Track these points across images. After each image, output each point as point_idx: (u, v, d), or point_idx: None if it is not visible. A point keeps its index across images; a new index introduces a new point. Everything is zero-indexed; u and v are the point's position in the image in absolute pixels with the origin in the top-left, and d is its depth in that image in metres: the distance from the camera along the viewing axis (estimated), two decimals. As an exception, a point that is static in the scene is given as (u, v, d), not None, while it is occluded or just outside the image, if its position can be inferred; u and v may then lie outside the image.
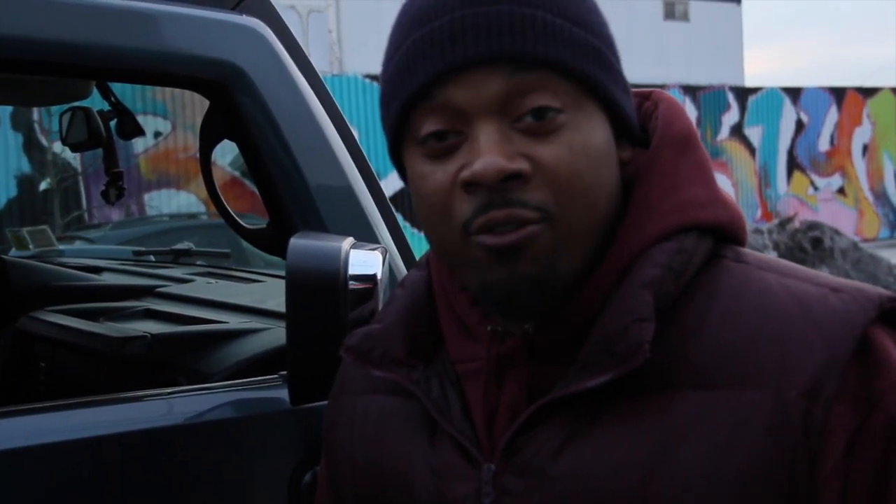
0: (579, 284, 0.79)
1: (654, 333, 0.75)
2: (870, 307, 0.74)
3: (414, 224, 13.65)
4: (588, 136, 0.77)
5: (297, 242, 1.12)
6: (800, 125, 18.26)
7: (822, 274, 0.81)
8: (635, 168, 0.83)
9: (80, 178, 11.00)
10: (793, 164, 18.22)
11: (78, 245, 6.55)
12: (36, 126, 10.78)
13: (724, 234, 0.82)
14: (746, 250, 0.83)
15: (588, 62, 0.77)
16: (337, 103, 1.46)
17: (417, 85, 0.77)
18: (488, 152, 0.74)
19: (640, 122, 0.86)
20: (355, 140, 1.45)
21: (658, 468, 0.74)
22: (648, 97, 0.88)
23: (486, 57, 0.75)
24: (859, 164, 19.04)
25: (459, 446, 0.82)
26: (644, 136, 0.85)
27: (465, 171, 0.75)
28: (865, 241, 16.62)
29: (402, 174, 0.86)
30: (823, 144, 18.59)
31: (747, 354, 0.75)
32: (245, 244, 1.55)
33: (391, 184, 13.35)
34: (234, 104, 1.33)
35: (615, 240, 0.80)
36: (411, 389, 0.85)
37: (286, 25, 1.43)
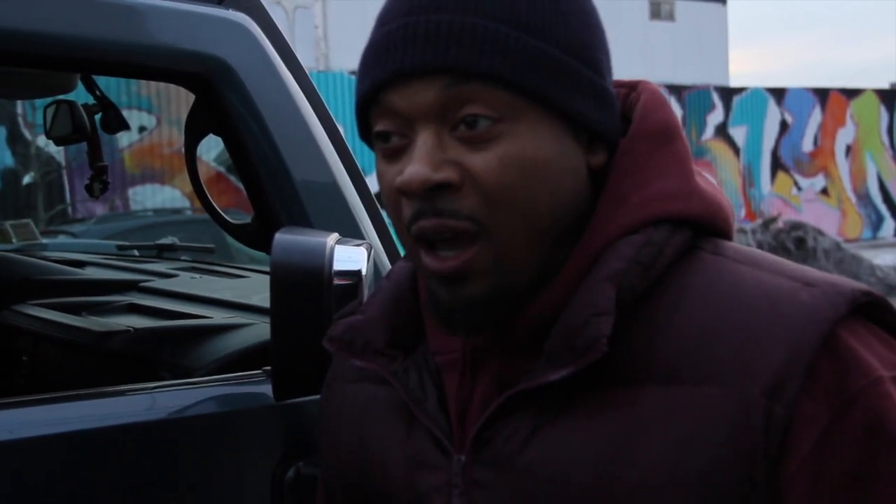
0: (546, 280, 0.79)
1: (621, 327, 0.75)
2: (840, 302, 0.74)
3: (399, 221, 13.64)
4: (526, 148, 0.76)
5: (281, 238, 1.11)
6: (784, 125, 18.34)
7: (802, 268, 0.79)
8: (612, 165, 0.82)
9: (64, 171, 10.93)
10: (777, 165, 18.30)
11: (61, 239, 6.51)
12: (20, 119, 10.71)
13: (704, 226, 0.81)
14: (726, 243, 0.82)
15: (532, 73, 0.76)
16: (323, 99, 1.46)
17: (367, 88, 0.79)
18: (417, 161, 0.76)
19: (624, 112, 0.85)
20: (341, 136, 1.45)
21: (619, 461, 0.75)
22: (635, 87, 0.87)
23: (420, 69, 0.76)
24: (842, 165, 19.15)
25: (433, 437, 0.83)
26: (628, 127, 0.84)
27: (399, 178, 0.77)
28: (848, 241, 16.72)
29: None
30: (807, 145, 18.68)
31: (711, 350, 0.74)
32: (230, 239, 1.54)
33: (375, 181, 13.34)
34: (220, 99, 1.32)
35: (583, 234, 0.80)
36: (389, 380, 0.86)
37: (272, 20, 1.43)
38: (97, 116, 2.04)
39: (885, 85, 25.56)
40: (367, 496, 0.89)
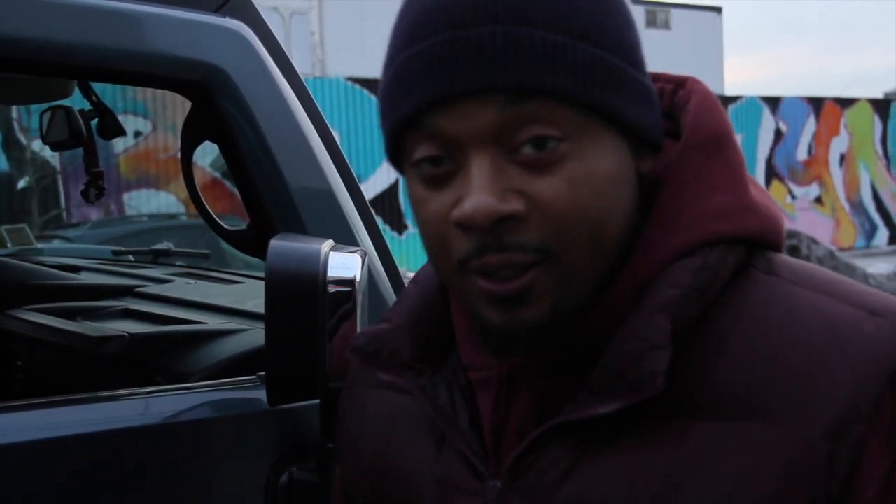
0: (587, 308, 0.74)
1: (671, 359, 0.69)
2: None
3: (394, 228, 13.65)
4: (593, 165, 0.70)
5: (276, 244, 1.12)
6: (778, 134, 18.38)
7: (862, 290, 0.74)
8: (661, 170, 0.77)
9: (59, 176, 10.93)
10: (771, 173, 18.34)
11: (56, 244, 6.50)
12: (15, 124, 10.70)
13: (757, 242, 0.76)
14: (781, 258, 0.77)
15: (594, 85, 0.70)
16: (318, 106, 1.47)
17: (406, 113, 0.71)
18: (479, 190, 0.68)
19: (668, 109, 0.80)
20: (336, 143, 1.46)
21: (666, 500, 0.70)
22: (683, 84, 0.81)
23: (476, 89, 0.68)
24: (836, 174, 19.19)
25: (465, 458, 0.78)
26: (676, 126, 0.79)
27: (457, 209, 0.70)
28: (842, 249, 16.75)
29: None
30: (801, 154, 18.72)
31: (769, 384, 0.69)
32: (225, 245, 1.55)
33: (371, 187, 13.35)
34: (216, 106, 1.33)
35: (632, 254, 0.74)
36: (417, 396, 0.81)
37: (269, 28, 1.44)
38: (93, 122, 2.05)
39: (879, 95, 25.64)
40: None
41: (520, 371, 0.77)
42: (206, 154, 9.63)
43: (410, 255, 12.78)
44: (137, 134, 11.51)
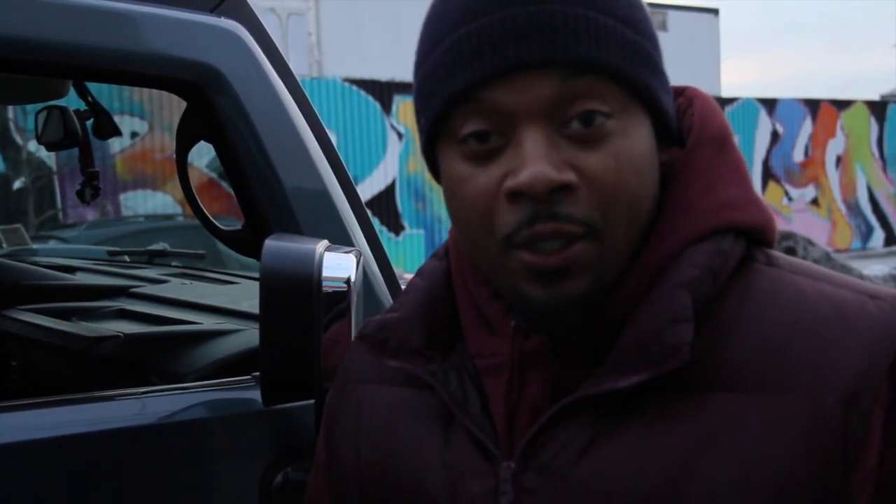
0: (615, 287, 0.77)
1: (692, 334, 0.73)
2: None
3: (391, 229, 13.65)
4: (634, 143, 0.74)
5: (271, 244, 1.12)
6: (775, 136, 18.41)
7: (857, 280, 0.79)
8: (671, 167, 0.81)
9: (55, 177, 10.92)
10: (768, 175, 18.36)
11: (52, 245, 6.50)
12: (11, 124, 10.69)
13: (756, 236, 0.80)
14: (778, 254, 0.81)
15: (639, 66, 0.74)
16: (314, 107, 1.47)
17: (462, 85, 0.73)
18: (536, 161, 0.71)
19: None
20: (332, 144, 1.46)
21: (686, 473, 0.72)
22: (682, 93, 0.86)
23: (537, 61, 0.71)
24: (833, 176, 19.22)
25: (476, 442, 0.80)
26: (677, 134, 0.83)
27: (511, 179, 0.72)
28: (838, 251, 16.77)
29: (434, 172, 0.83)
30: (798, 155, 18.75)
31: (781, 358, 0.73)
32: (220, 246, 1.55)
33: (368, 188, 13.35)
34: (211, 106, 1.33)
35: (650, 240, 0.78)
36: (428, 381, 0.82)
37: (264, 28, 1.44)
38: (89, 122, 2.05)
39: (875, 97, 25.68)
40: (401, 502, 0.85)
41: (531, 357, 0.79)
42: (203, 155, 9.62)
43: (407, 257, 12.79)
44: (134, 135, 11.50)
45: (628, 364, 0.73)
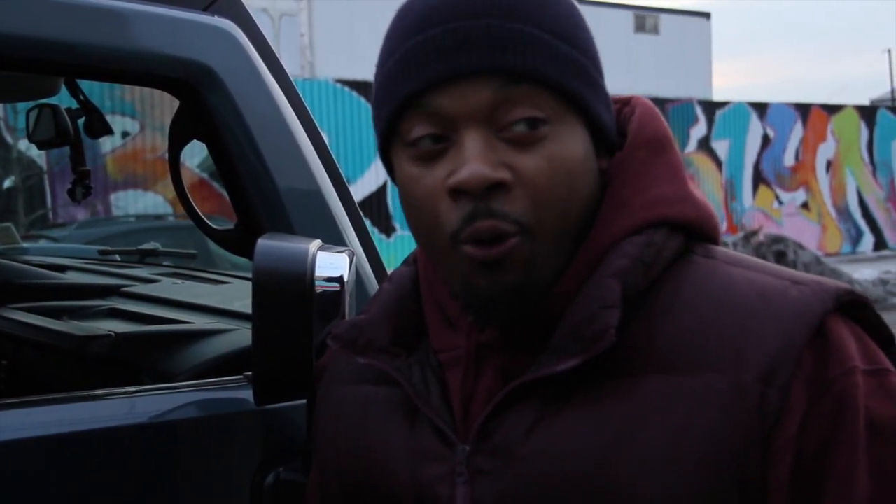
0: (554, 281, 0.83)
1: (622, 321, 0.79)
2: (827, 299, 0.79)
3: (382, 230, 13.64)
4: (568, 149, 0.81)
5: (263, 243, 1.12)
6: (766, 140, 18.47)
7: (788, 269, 0.84)
8: (609, 169, 0.86)
9: (46, 176, 10.89)
10: (758, 178, 18.42)
11: (42, 244, 6.48)
12: (1, 123, 10.65)
13: (695, 232, 0.86)
14: (717, 248, 0.87)
15: (572, 78, 0.81)
16: (308, 107, 1.46)
17: (409, 92, 0.80)
18: (474, 160, 0.78)
19: (618, 126, 0.89)
20: (325, 144, 1.46)
21: (621, 447, 0.78)
22: (628, 103, 0.91)
23: (476, 70, 0.78)
24: (823, 180, 19.29)
25: (437, 429, 0.86)
26: (622, 141, 0.88)
27: (452, 177, 0.79)
28: (828, 255, 16.83)
29: (391, 173, 0.89)
30: (788, 159, 18.81)
31: (708, 341, 0.79)
32: (212, 246, 1.54)
33: (360, 189, 13.34)
34: (204, 104, 1.33)
35: (587, 236, 0.83)
36: (393, 375, 0.88)
37: (258, 27, 1.44)
38: (80, 121, 2.04)
39: (865, 101, 25.77)
40: (371, 491, 0.91)
41: (486, 348, 0.86)
42: (195, 154, 9.61)
43: (398, 257, 12.76)
44: (125, 134, 11.48)
45: (564, 349, 0.80)
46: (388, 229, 13.71)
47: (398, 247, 13.32)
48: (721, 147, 17.83)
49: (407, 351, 0.90)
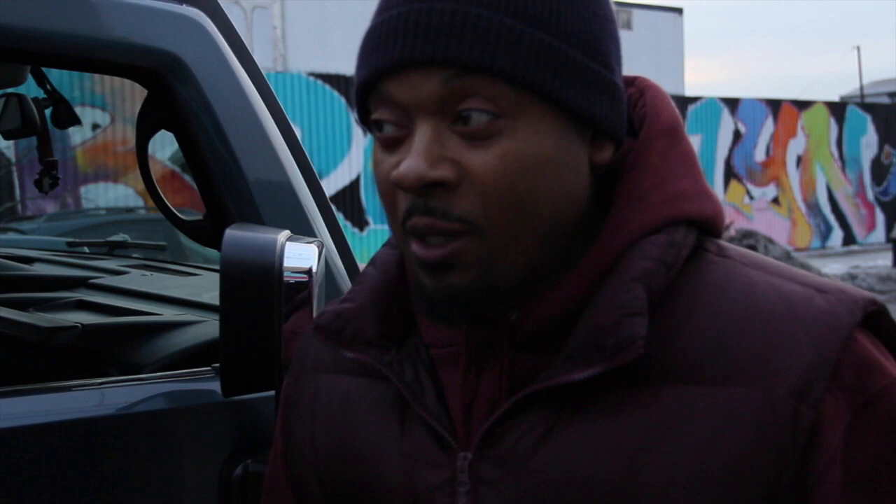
0: (558, 275, 0.78)
1: (646, 328, 0.73)
2: (856, 309, 0.75)
3: (355, 224, 13.61)
4: (527, 144, 0.73)
5: (231, 233, 1.11)
6: (737, 135, 18.60)
7: (804, 273, 0.81)
8: (622, 157, 0.81)
9: (14, 168, 10.76)
10: (730, 173, 18.54)
11: (10, 236, 6.40)
12: (-32, 114, 10.51)
13: (707, 227, 0.81)
14: (727, 244, 0.83)
15: (535, 67, 0.73)
16: (278, 99, 1.46)
17: (364, 78, 0.76)
18: (414, 155, 0.73)
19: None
20: (296, 136, 1.45)
21: (641, 462, 0.73)
22: (632, 83, 0.85)
23: (419, 60, 0.73)
24: (793, 175, 19.46)
25: (432, 432, 0.80)
26: (631, 125, 0.83)
27: (395, 170, 0.74)
28: (798, 250, 16.99)
29: None
30: (759, 155, 18.95)
31: (734, 351, 0.74)
32: (183, 238, 1.53)
33: (333, 183, 13.30)
34: (172, 94, 1.32)
35: (602, 230, 0.78)
36: (384, 372, 0.82)
37: (227, 18, 1.43)
38: (47, 111, 2.02)
39: (835, 98, 26.02)
40: (356, 492, 0.85)
41: (486, 347, 0.80)
42: (166, 146, 9.54)
43: (371, 251, 12.72)
44: (95, 126, 11.37)
45: (584, 356, 0.74)
46: (361, 223, 13.67)
47: (372, 241, 13.30)
48: (693, 142, 17.73)
49: (396, 343, 0.84)
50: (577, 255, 0.78)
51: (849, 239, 20.20)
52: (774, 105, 19.19)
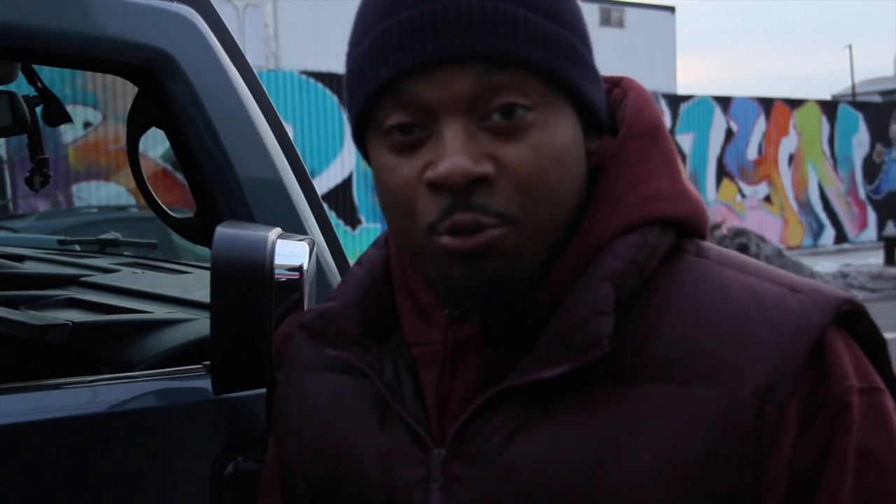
0: (540, 274, 0.78)
1: (612, 326, 0.74)
2: (827, 310, 0.75)
3: (347, 222, 13.60)
4: (555, 135, 0.76)
5: (222, 231, 1.11)
6: (729, 134, 18.63)
7: (782, 272, 0.81)
8: (602, 157, 0.82)
9: (5, 167, 10.72)
10: (722, 172, 18.58)
11: (1, 234, 6.38)
12: (-42, 112, 10.47)
13: (686, 227, 0.82)
14: (708, 244, 0.83)
15: (560, 59, 0.75)
16: (270, 97, 1.46)
17: (384, 79, 0.75)
18: (454, 153, 0.73)
19: (608, 108, 0.85)
20: (287, 134, 1.45)
21: (609, 459, 0.74)
22: (618, 84, 0.87)
23: (455, 56, 0.73)
24: (785, 174, 19.50)
25: (410, 430, 0.81)
26: (611, 123, 0.84)
27: (430, 171, 0.74)
28: (790, 248, 17.03)
29: (367, 159, 0.84)
30: (751, 153, 18.99)
31: (703, 351, 0.75)
32: (174, 236, 1.53)
33: (325, 182, 13.28)
34: (163, 91, 1.31)
35: (578, 230, 0.79)
36: (364, 370, 0.83)
37: (218, 15, 1.43)
38: (38, 108, 2.01)
39: (826, 96, 26.08)
40: (338, 489, 0.86)
41: (463, 345, 0.81)
42: (157, 144, 9.51)
43: (363, 250, 12.74)
44: (87, 125, 11.34)
45: (552, 355, 0.75)
46: (353, 222, 13.67)
47: (364, 239, 13.29)
48: (685, 140, 17.95)
49: (378, 342, 0.85)
50: (559, 252, 0.79)
51: (840, 237, 20.25)
52: (766, 103, 19.22)
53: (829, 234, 20.15)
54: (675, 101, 18.12)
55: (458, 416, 0.80)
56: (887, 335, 0.83)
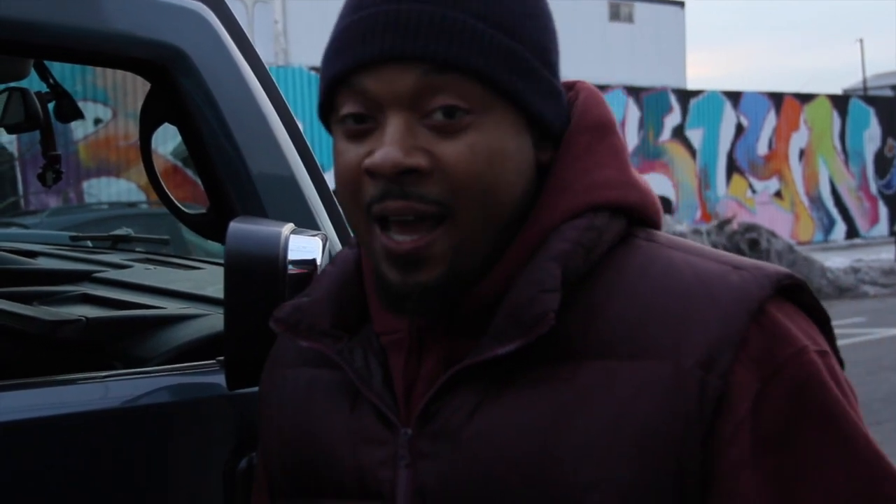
0: (482, 271, 0.83)
1: (563, 306, 0.79)
2: (767, 284, 0.80)
3: (357, 218, 13.60)
4: (493, 138, 0.81)
5: (235, 226, 1.11)
6: (739, 129, 18.58)
7: (728, 254, 0.86)
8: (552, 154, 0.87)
9: (17, 163, 10.76)
10: (732, 167, 18.53)
11: (13, 230, 6.40)
12: (-30, 109, 10.50)
13: (637, 216, 0.87)
14: (658, 232, 0.88)
15: (503, 69, 0.81)
16: (281, 92, 1.46)
17: (338, 71, 0.82)
18: (390, 144, 0.79)
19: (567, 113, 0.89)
20: (299, 130, 1.45)
21: (561, 430, 0.79)
22: (572, 87, 0.91)
23: (399, 55, 0.79)
24: (796, 169, 19.44)
25: (379, 413, 0.86)
26: (568, 126, 0.88)
27: (369, 158, 0.80)
28: (801, 243, 16.98)
29: None
30: (762, 148, 18.93)
31: (648, 327, 0.80)
32: (186, 232, 1.53)
33: (332, 178, 13.28)
34: (176, 87, 1.32)
35: (528, 219, 0.84)
36: (334, 359, 0.88)
37: (230, 10, 1.43)
38: (50, 105, 2.02)
39: (837, 91, 25.97)
40: (313, 477, 0.91)
41: (428, 331, 0.86)
42: (168, 140, 9.54)
43: (373, 246, 12.74)
44: (97, 121, 11.36)
45: (504, 333, 0.80)
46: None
47: (373, 235, 13.29)
48: (695, 136, 17.92)
49: (349, 333, 0.90)
50: (509, 243, 0.84)
51: (852, 232, 20.18)
52: (777, 98, 19.16)
53: (841, 229, 20.08)
54: (684, 96, 18.08)
55: (423, 397, 0.85)
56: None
